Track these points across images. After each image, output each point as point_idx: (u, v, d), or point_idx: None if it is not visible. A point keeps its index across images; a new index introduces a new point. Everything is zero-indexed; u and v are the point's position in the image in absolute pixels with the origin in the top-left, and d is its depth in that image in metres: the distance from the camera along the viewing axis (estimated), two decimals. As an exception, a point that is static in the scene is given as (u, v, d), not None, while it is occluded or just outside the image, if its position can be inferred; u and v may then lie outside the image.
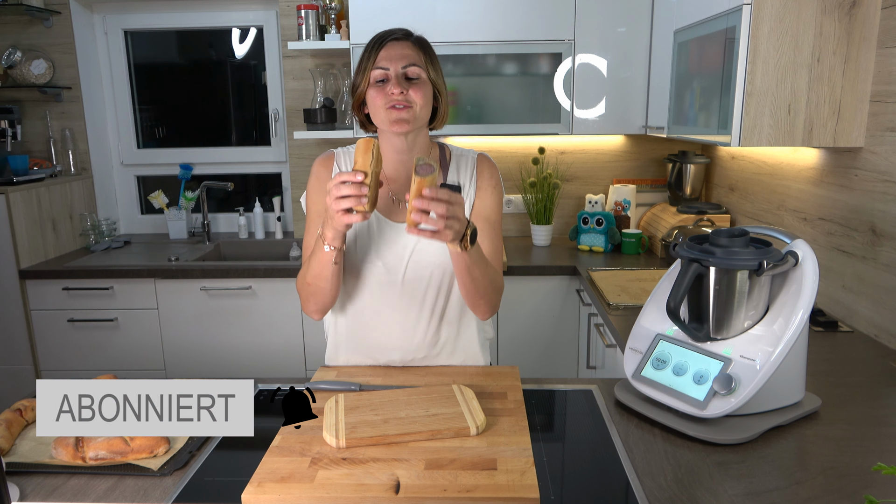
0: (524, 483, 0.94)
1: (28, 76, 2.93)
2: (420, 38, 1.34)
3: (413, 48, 1.30)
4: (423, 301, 1.37)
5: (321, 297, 1.32)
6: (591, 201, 2.88)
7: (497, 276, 1.35)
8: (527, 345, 2.63)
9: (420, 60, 1.29)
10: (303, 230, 3.16)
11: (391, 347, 1.40)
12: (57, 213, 2.87)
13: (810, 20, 1.66)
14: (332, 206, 1.13)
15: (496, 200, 1.41)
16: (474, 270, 1.25)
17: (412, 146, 1.35)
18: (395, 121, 1.27)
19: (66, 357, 2.73)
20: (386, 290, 1.36)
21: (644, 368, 1.23)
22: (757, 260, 1.12)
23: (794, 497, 0.96)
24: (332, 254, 1.24)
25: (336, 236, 1.21)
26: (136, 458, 1.05)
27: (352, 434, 1.06)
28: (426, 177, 1.08)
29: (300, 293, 1.37)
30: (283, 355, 2.70)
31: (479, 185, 1.40)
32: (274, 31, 3.12)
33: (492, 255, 1.37)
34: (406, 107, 1.26)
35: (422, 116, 1.30)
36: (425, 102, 1.29)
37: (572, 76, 2.64)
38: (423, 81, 1.29)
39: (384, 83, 1.28)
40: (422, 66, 1.29)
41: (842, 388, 1.34)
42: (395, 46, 1.29)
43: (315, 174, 1.39)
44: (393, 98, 1.26)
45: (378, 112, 1.29)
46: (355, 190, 1.11)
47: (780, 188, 2.15)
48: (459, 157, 1.42)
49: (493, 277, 1.32)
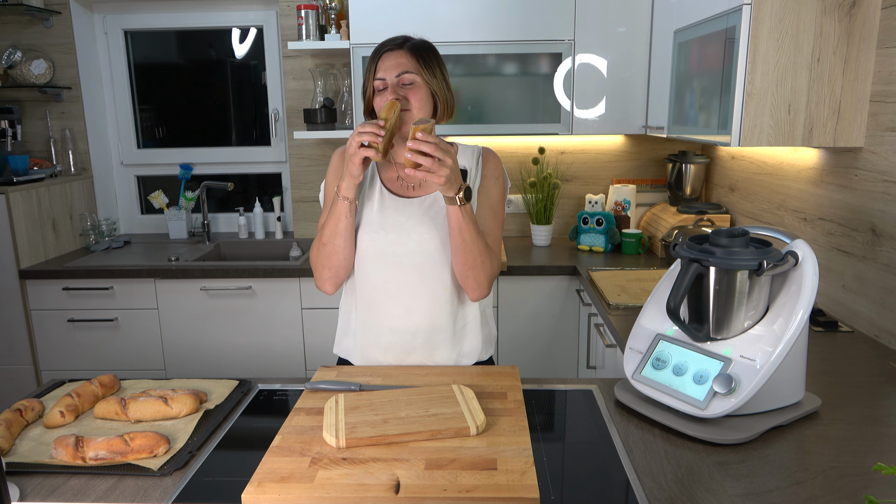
0: (524, 483, 0.94)
1: (28, 76, 2.94)
2: (415, 45, 1.42)
3: (406, 55, 1.40)
4: (426, 275, 1.42)
5: (336, 258, 1.41)
6: (591, 201, 2.88)
7: (491, 255, 1.42)
8: (527, 345, 2.63)
9: (413, 66, 1.39)
10: (303, 230, 3.18)
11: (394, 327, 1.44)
12: (57, 213, 2.87)
13: (810, 20, 1.66)
14: (353, 142, 1.29)
15: (500, 191, 1.49)
16: (465, 233, 1.35)
17: None
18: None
19: (66, 357, 2.73)
20: (391, 262, 1.42)
21: (644, 368, 1.23)
22: (757, 260, 1.12)
23: (794, 497, 0.96)
24: (346, 205, 1.36)
25: (350, 185, 1.34)
26: (136, 458, 1.05)
27: (352, 434, 1.06)
28: (421, 125, 1.27)
29: (314, 265, 1.45)
30: (283, 355, 2.70)
31: (484, 174, 1.48)
32: (274, 31, 3.12)
33: (491, 242, 1.46)
34: (403, 110, 1.38)
35: (419, 117, 1.39)
36: (422, 104, 1.39)
37: (572, 76, 2.64)
38: (417, 85, 1.39)
39: (385, 91, 1.40)
40: (414, 71, 1.39)
41: (842, 388, 1.34)
42: (390, 57, 1.39)
43: (332, 164, 1.50)
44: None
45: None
46: (375, 128, 1.27)
47: (781, 188, 2.15)
48: (465, 149, 1.52)
49: (485, 252, 1.39)
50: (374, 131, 1.28)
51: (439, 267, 1.42)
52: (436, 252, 1.41)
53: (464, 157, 1.50)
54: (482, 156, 1.51)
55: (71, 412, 1.20)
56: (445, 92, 1.43)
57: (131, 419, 1.19)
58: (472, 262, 1.38)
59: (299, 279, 2.63)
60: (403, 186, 1.47)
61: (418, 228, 1.41)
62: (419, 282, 1.42)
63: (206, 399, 1.27)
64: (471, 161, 1.49)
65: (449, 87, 1.45)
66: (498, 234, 1.49)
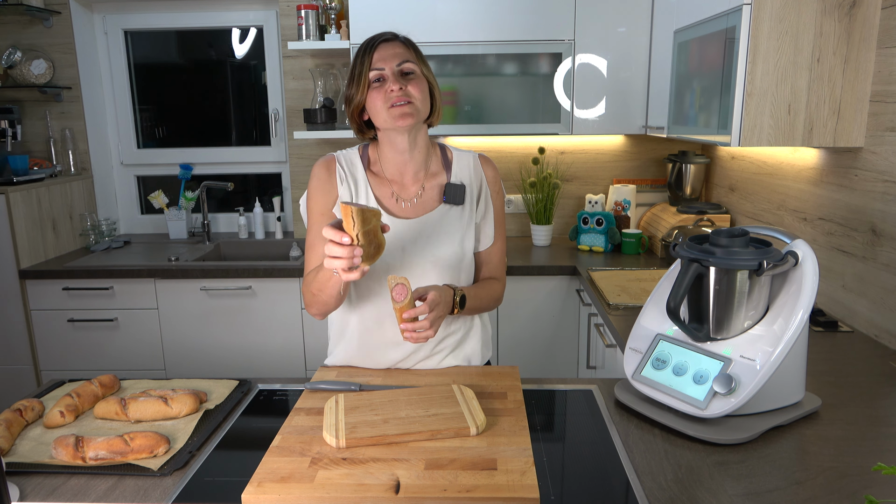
0: (524, 483, 0.94)
1: (28, 76, 2.94)
2: (407, 38, 1.37)
3: (403, 46, 1.33)
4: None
5: (324, 307, 1.34)
6: (591, 201, 2.88)
7: (498, 294, 1.47)
8: (527, 345, 2.63)
9: (412, 57, 1.33)
10: (303, 230, 3.17)
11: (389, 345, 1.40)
12: (57, 213, 2.87)
13: (810, 20, 1.66)
14: (326, 266, 1.14)
15: (501, 202, 1.49)
16: (474, 311, 1.41)
17: (413, 145, 1.38)
18: (398, 116, 1.29)
19: (66, 357, 2.73)
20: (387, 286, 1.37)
21: (644, 368, 1.23)
22: (757, 260, 1.12)
23: (794, 497, 0.96)
24: (339, 284, 1.24)
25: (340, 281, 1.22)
26: (136, 458, 1.05)
27: (352, 434, 1.06)
28: (402, 303, 1.20)
29: (304, 295, 1.37)
30: (283, 355, 2.70)
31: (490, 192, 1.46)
32: (274, 31, 3.12)
33: (498, 258, 1.47)
34: (407, 101, 1.29)
35: (422, 110, 1.33)
36: (424, 97, 1.32)
37: (572, 76, 2.64)
38: (418, 76, 1.33)
39: (381, 83, 1.31)
40: (414, 62, 1.33)
41: (842, 388, 1.34)
42: (387, 47, 1.31)
43: (316, 176, 1.39)
44: (393, 95, 1.29)
45: (380, 113, 1.31)
46: (346, 254, 1.09)
47: (781, 188, 2.15)
48: (460, 157, 1.46)
49: (493, 301, 1.45)
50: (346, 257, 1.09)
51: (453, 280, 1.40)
52: (442, 272, 1.38)
53: (460, 167, 1.44)
54: (482, 166, 1.46)
55: (71, 412, 1.20)
56: (438, 89, 1.38)
57: (131, 419, 1.19)
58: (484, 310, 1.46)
59: (299, 279, 2.62)
60: (400, 205, 1.40)
61: (423, 253, 1.37)
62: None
63: (206, 399, 1.27)
64: (469, 172, 1.44)
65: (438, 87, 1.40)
66: (504, 249, 1.50)
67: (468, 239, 1.42)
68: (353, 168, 1.41)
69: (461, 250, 1.40)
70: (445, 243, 1.38)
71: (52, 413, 1.19)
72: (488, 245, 1.46)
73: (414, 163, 1.40)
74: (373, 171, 1.41)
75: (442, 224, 1.39)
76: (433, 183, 1.42)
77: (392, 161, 1.40)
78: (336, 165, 1.40)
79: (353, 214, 1.09)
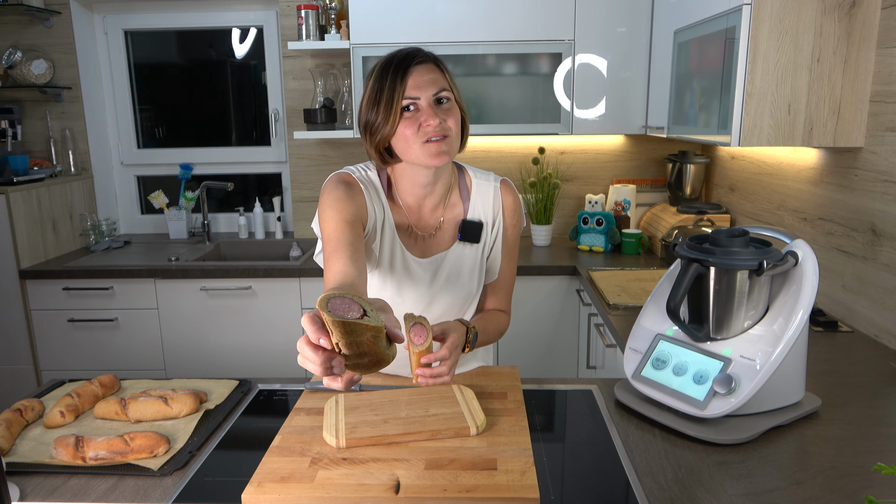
0: (524, 483, 0.94)
1: (28, 76, 2.93)
2: (437, 57, 1.23)
3: (438, 71, 1.19)
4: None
5: None
6: (591, 201, 2.88)
7: (501, 325, 1.41)
8: (527, 345, 2.63)
9: (447, 83, 1.19)
10: (303, 230, 3.17)
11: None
12: (57, 213, 2.87)
13: (810, 20, 1.66)
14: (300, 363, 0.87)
15: (517, 234, 1.40)
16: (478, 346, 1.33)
17: (437, 178, 1.28)
18: (434, 154, 1.16)
19: (66, 357, 2.73)
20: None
21: (644, 368, 1.23)
22: (757, 260, 1.12)
23: (794, 497, 0.96)
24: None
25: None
26: (136, 458, 1.05)
27: (352, 434, 1.06)
28: (421, 346, 1.07)
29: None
30: (283, 355, 2.70)
31: (504, 224, 1.36)
32: (274, 31, 3.12)
33: (506, 290, 1.43)
34: (444, 137, 1.16)
35: (457, 144, 1.21)
36: (458, 129, 1.20)
37: (572, 76, 2.64)
38: (453, 106, 1.19)
39: (413, 112, 1.16)
40: (449, 88, 1.19)
41: (842, 388, 1.34)
42: (422, 71, 1.16)
43: (334, 188, 1.21)
44: (430, 129, 1.15)
45: (411, 147, 1.17)
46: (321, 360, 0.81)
47: (781, 188, 2.15)
48: (479, 187, 1.34)
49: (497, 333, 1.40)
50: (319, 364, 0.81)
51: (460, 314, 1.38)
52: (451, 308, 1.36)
53: (479, 198, 1.33)
54: (502, 198, 1.35)
55: (71, 412, 1.20)
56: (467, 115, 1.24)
57: (131, 419, 1.19)
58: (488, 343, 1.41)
59: (299, 279, 2.62)
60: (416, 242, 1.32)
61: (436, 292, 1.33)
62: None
63: (206, 399, 1.27)
64: (486, 206, 1.34)
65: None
66: (512, 280, 1.41)
67: (480, 275, 1.38)
68: (376, 191, 1.28)
69: (473, 289, 1.38)
70: (459, 282, 1.35)
71: (52, 413, 1.19)
72: (494, 278, 1.41)
73: (435, 196, 1.30)
74: (390, 195, 1.31)
75: (456, 263, 1.34)
76: (451, 216, 1.33)
77: (412, 193, 1.29)
78: (359, 186, 1.26)
79: (328, 324, 0.80)
